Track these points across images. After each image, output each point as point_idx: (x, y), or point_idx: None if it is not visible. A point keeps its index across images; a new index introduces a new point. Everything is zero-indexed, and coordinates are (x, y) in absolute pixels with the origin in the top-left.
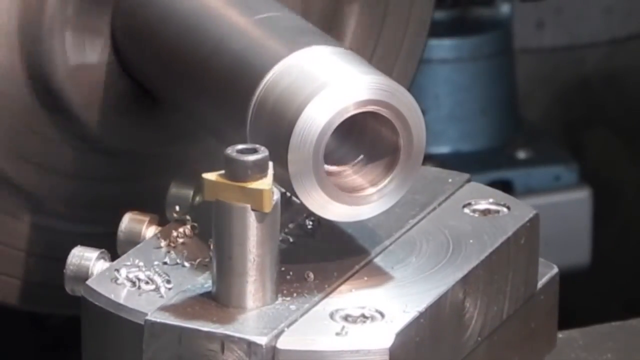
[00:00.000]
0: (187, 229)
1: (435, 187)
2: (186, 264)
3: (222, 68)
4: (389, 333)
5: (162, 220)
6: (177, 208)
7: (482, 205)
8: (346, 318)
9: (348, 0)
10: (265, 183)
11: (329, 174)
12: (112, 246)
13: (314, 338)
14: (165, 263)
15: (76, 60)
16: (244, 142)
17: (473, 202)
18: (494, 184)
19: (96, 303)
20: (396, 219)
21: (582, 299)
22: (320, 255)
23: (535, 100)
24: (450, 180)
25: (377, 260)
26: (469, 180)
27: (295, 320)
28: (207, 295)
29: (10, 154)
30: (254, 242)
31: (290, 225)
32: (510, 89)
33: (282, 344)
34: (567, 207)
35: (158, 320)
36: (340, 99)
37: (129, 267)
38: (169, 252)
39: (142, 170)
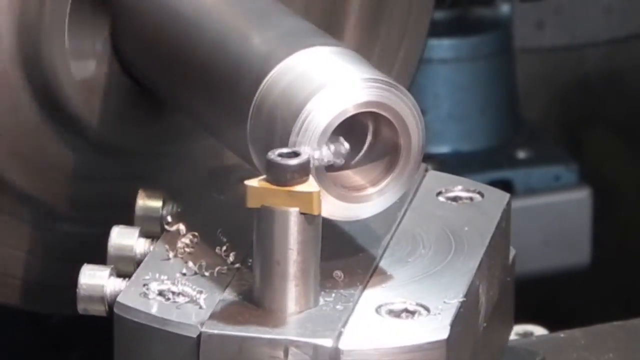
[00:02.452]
0: (188, 238)
1: None
2: (206, 273)
3: (223, 68)
4: (443, 325)
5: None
6: (169, 219)
7: (454, 192)
8: (391, 313)
9: None
10: (312, 185)
11: (329, 174)
12: None
13: (374, 336)
14: (184, 274)
15: (76, 61)
16: (244, 142)
17: (444, 191)
18: (494, 184)
19: (135, 320)
20: (384, 214)
21: (582, 299)
22: (332, 253)
23: (535, 100)
24: None
25: (388, 255)
26: (427, 169)
27: (347, 320)
28: (248, 301)
29: (10, 155)
30: (303, 245)
31: None
32: (510, 89)
33: (345, 344)
34: (567, 207)
35: (215, 331)
36: (340, 99)
37: (155, 281)
38: (186, 262)
39: (142, 170)
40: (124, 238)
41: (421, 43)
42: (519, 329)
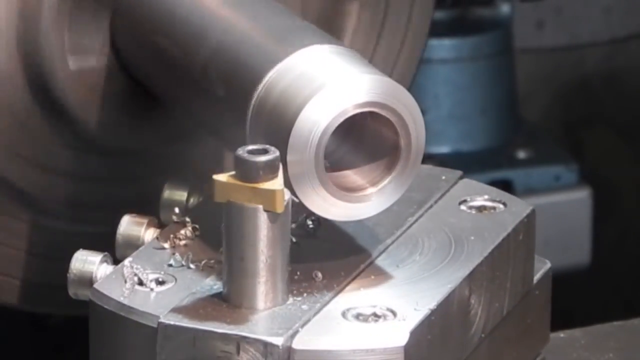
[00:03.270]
0: (188, 230)
1: (430, 184)
2: (192, 265)
3: (222, 68)
4: (403, 331)
5: (160, 221)
6: (177, 210)
7: (478, 201)
8: (358, 317)
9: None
10: (277, 183)
11: (329, 174)
12: (112, 246)
13: (329, 337)
14: (170, 265)
15: (75, 61)
16: (243, 142)
17: (469, 199)
18: (494, 184)
19: (105, 307)
20: (395, 218)
21: (582, 299)
22: (324, 254)
23: (535, 100)
24: (443, 177)
25: (382, 259)
26: (462, 177)
27: (309, 320)
28: (217, 296)
29: (10, 155)
30: (266, 242)
31: (293, 226)
32: (510, 89)
33: (298, 344)
34: (567, 207)
35: (172, 322)
36: (340, 99)
37: (136, 270)
38: (173, 254)
39: (142, 170)
40: (132, 227)
41: (421, 43)
42: None
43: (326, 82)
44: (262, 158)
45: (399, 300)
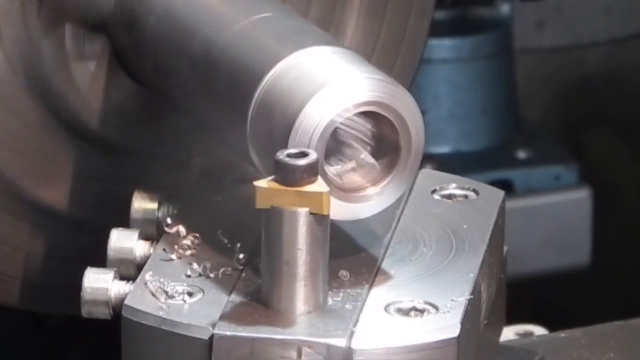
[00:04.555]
0: (189, 240)
1: None
2: (211, 275)
3: (223, 67)
4: (453, 323)
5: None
6: (169, 221)
7: (449, 190)
8: (399, 311)
9: None
10: (321, 185)
11: (329, 173)
12: None
13: (386, 335)
14: (188, 276)
15: (76, 61)
16: (244, 142)
17: (439, 188)
18: (494, 184)
19: (143, 322)
20: (382, 212)
21: (582, 299)
22: (334, 253)
23: (535, 100)
24: None
25: (391, 254)
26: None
27: (358, 320)
28: (256, 302)
29: (10, 154)
30: (311, 245)
31: None
32: (510, 89)
33: (357, 343)
34: (567, 207)
35: (227, 333)
36: (340, 99)
37: (160, 283)
38: (190, 264)
39: (142, 170)
40: (123, 241)
41: (421, 43)
42: (519, 329)
43: (327, 82)
44: (304, 161)
45: (431, 292)
